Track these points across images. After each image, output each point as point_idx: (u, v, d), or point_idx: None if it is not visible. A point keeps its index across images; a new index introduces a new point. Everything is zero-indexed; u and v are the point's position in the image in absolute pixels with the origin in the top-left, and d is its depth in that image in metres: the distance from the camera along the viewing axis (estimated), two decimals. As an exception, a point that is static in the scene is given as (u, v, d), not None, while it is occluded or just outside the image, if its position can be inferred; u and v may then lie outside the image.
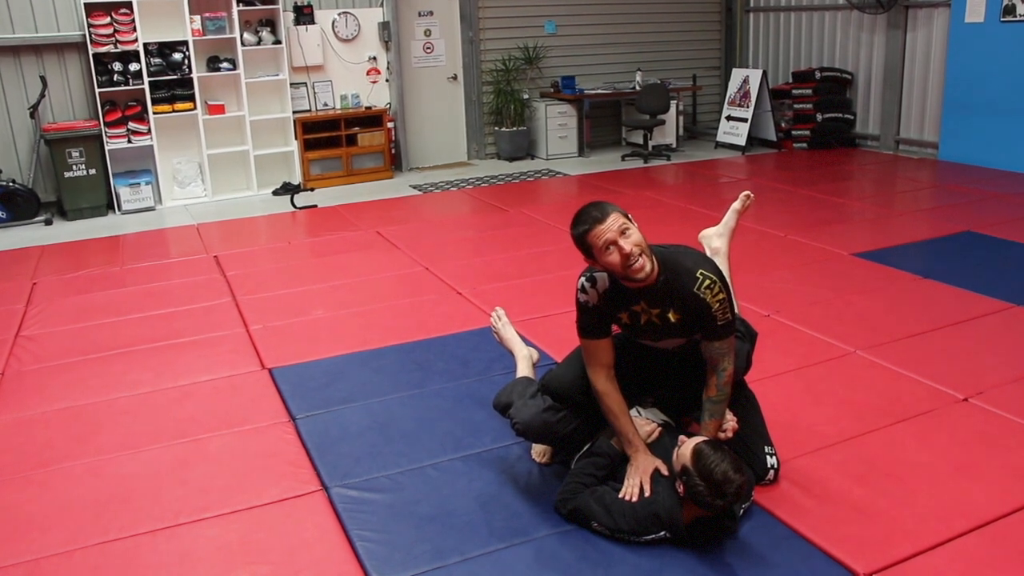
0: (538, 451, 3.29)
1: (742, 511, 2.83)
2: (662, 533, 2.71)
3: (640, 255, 2.65)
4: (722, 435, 2.90)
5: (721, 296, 2.74)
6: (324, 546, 2.83)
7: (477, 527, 2.89)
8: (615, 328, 2.94)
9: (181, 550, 2.85)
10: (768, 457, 3.03)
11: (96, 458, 3.48)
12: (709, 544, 2.72)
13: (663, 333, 2.88)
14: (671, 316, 2.80)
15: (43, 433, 3.72)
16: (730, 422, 2.94)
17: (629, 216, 2.73)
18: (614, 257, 2.66)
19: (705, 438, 2.71)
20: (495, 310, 3.76)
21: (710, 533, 2.72)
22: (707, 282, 2.72)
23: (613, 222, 2.66)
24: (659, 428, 2.99)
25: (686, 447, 2.65)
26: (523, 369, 3.47)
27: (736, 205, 3.62)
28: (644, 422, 2.99)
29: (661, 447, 2.89)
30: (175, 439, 3.61)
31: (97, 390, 4.15)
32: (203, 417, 3.80)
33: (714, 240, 3.60)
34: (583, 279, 2.85)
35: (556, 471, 3.18)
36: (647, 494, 2.76)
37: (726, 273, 3.41)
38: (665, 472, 2.80)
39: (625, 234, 2.65)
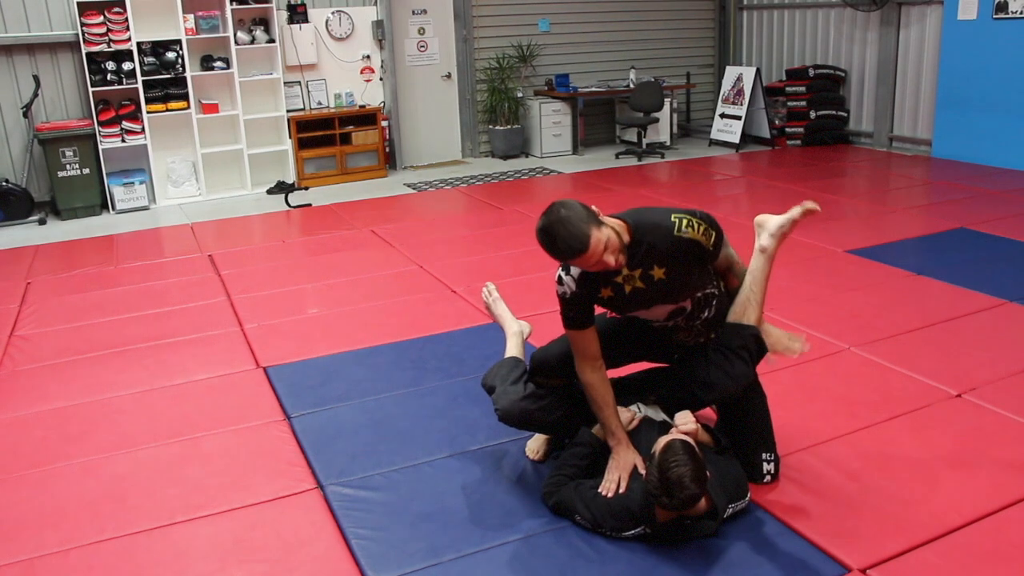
0: (532, 448, 3.29)
1: (732, 511, 2.82)
2: (640, 529, 2.72)
3: (619, 251, 2.61)
4: (684, 429, 2.83)
5: (703, 226, 2.74)
6: (320, 544, 2.83)
7: (472, 524, 2.90)
8: (603, 310, 2.94)
9: (176, 549, 2.85)
10: (765, 464, 3.02)
11: (91, 457, 3.48)
12: (689, 542, 2.72)
13: (652, 297, 2.83)
14: (655, 273, 2.77)
15: (38, 433, 3.72)
16: (692, 425, 2.86)
17: (596, 214, 2.60)
18: (595, 268, 2.64)
19: (686, 437, 2.65)
20: (486, 285, 3.74)
21: (690, 532, 2.71)
22: (684, 221, 2.73)
23: (595, 246, 2.53)
24: (639, 416, 2.98)
25: (667, 436, 2.65)
26: (512, 347, 3.45)
27: (796, 213, 3.22)
28: (624, 409, 2.98)
29: (647, 444, 2.88)
30: (170, 438, 3.61)
31: (92, 389, 4.15)
32: (198, 416, 3.80)
33: (765, 237, 3.21)
34: (559, 271, 2.84)
35: (550, 468, 3.18)
36: (622, 490, 2.77)
37: (763, 278, 3.14)
38: (643, 470, 2.78)
39: (607, 249, 2.56)
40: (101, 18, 8.08)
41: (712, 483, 2.65)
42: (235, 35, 8.72)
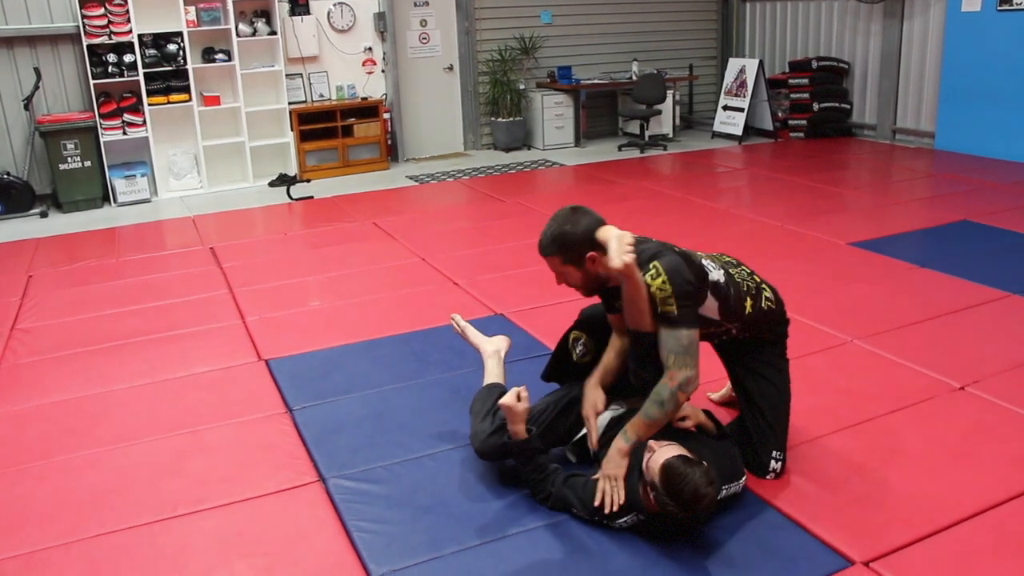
0: None
1: (727, 492, 2.79)
2: (633, 515, 2.71)
3: (576, 287, 2.90)
4: (681, 423, 2.89)
5: (667, 289, 2.69)
6: (321, 537, 2.83)
7: (474, 518, 2.89)
8: None
9: (179, 542, 2.85)
10: (773, 461, 3.00)
11: (93, 450, 3.47)
12: (690, 533, 2.71)
13: None
14: None
15: (40, 426, 3.72)
16: (690, 420, 2.91)
17: (583, 250, 2.77)
18: None
19: (675, 452, 2.59)
20: (452, 317, 3.71)
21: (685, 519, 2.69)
22: (652, 271, 2.73)
23: (551, 266, 2.87)
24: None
25: (656, 459, 2.58)
26: (491, 369, 3.42)
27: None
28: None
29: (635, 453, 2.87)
30: (172, 431, 3.61)
31: (94, 382, 4.15)
32: (200, 409, 3.80)
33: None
34: None
35: (553, 460, 3.17)
36: (620, 501, 2.72)
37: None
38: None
39: (563, 280, 2.89)
40: (102, 10, 8.06)
41: None
42: (236, 27, 8.70)
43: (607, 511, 2.73)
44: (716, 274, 2.92)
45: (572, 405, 3.11)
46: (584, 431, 3.08)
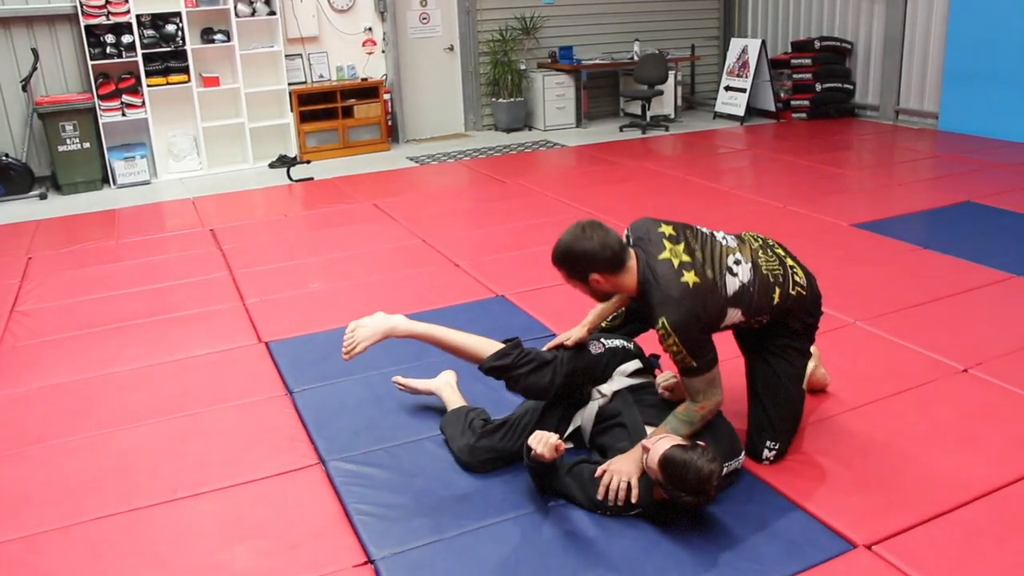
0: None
1: (727, 469, 2.77)
2: (639, 509, 2.71)
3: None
4: (666, 385, 3.00)
5: (680, 349, 2.67)
6: (322, 520, 2.82)
7: (475, 500, 2.89)
8: None
9: (179, 525, 2.85)
10: (766, 451, 2.97)
11: (93, 433, 3.47)
12: (693, 515, 2.71)
13: None
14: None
15: (39, 408, 3.71)
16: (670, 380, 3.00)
17: (574, 271, 2.81)
18: None
19: (669, 443, 2.58)
20: (393, 380, 3.61)
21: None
22: (661, 331, 2.68)
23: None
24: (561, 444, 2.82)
25: (652, 456, 2.57)
26: (449, 398, 3.40)
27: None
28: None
29: (632, 423, 2.88)
30: (172, 414, 3.60)
31: (93, 365, 4.14)
32: (200, 391, 3.79)
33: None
34: None
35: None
36: (634, 499, 2.71)
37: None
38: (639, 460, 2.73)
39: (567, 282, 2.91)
40: (99, -10, 8.01)
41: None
42: (235, 7, 8.64)
43: (611, 503, 2.71)
44: (742, 276, 2.79)
45: (551, 408, 3.08)
46: (573, 427, 3.06)
